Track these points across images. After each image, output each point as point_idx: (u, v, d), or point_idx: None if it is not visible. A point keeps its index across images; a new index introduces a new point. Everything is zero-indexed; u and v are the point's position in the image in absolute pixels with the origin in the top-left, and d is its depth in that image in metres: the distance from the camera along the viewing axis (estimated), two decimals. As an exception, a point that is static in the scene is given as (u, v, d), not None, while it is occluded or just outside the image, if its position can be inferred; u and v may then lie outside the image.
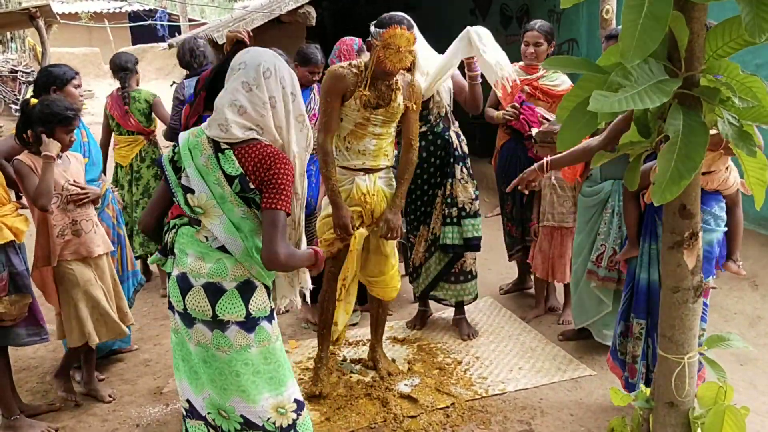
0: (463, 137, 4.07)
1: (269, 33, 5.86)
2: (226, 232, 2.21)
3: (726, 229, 2.77)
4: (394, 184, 3.51)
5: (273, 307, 2.40)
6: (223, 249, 2.24)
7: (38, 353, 4.20)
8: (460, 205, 3.98)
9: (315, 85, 4.69)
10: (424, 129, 3.95)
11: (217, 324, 2.23)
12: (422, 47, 3.81)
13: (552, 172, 3.76)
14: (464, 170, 4.01)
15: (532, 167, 3.23)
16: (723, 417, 1.57)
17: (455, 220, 3.99)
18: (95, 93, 18.77)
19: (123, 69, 4.85)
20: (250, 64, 2.21)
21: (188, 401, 2.39)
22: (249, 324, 2.26)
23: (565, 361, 3.78)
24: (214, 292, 2.22)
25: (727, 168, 2.67)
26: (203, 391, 2.32)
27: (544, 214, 4.16)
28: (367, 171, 3.41)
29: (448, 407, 3.36)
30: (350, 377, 3.72)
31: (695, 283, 1.54)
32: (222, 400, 2.29)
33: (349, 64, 3.35)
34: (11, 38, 17.08)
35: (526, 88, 4.29)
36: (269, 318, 2.32)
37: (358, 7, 12.10)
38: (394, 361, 3.84)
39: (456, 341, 4.12)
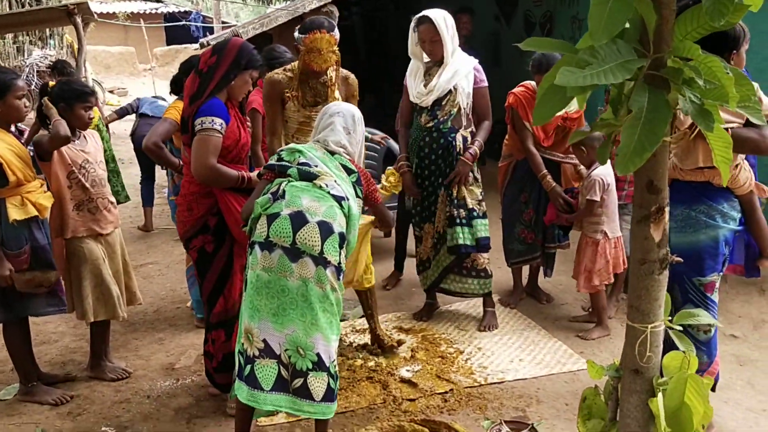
0: (468, 139, 4.10)
1: (291, 30, 6.02)
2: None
3: (739, 228, 2.71)
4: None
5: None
6: (335, 198, 2.69)
7: (59, 329, 4.39)
8: (470, 206, 4.08)
9: None
10: (430, 124, 4.08)
11: (321, 261, 2.61)
12: (452, 42, 3.94)
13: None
14: (470, 174, 4.11)
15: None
16: (685, 384, 1.65)
17: (464, 221, 4.08)
18: (129, 90, 19.23)
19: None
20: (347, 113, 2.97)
21: (264, 341, 2.62)
22: (339, 270, 2.70)
23: (565, 356, 3.85)
24: (326, 230, 2.63)
25: (737, 166, 2.63)
26: (288, 327, 2.61)
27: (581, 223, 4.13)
28: None
29: (446, 393, 3.45)
30: (354, 361, 3.83)
31: (661, 256, 1.62)
32: (305, 336, 2.60)
33: (284, 69, 3.67)
34: (50, 35, 17.56)
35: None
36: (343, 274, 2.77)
37: (386, 12, 12.25)
38: (399, 343, 3.95)
39: (460, 332, 4.21)
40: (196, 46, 14.07)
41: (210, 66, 2.92)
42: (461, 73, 3.99)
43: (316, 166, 2.78)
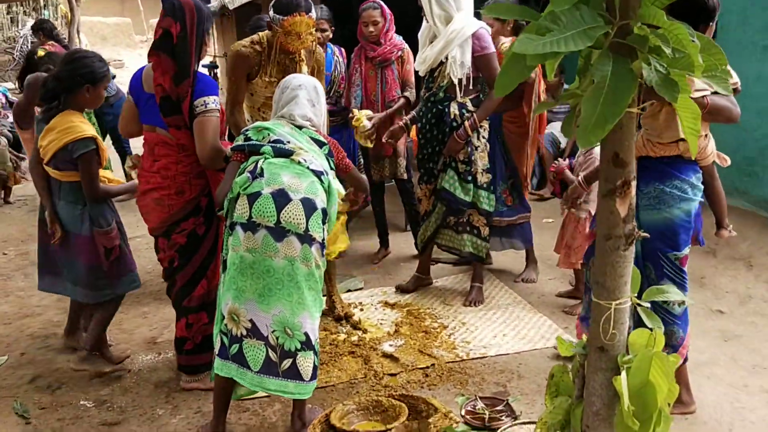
0: (471, 109, 3.98)
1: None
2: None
3: (702, 199, 2.74)
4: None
5: None
6: (314, 173, 2.65)
7: (43, 302, 4.37)
8: (474, 172, 4.03)
9: (335, 47, 4.80)
10: (426, 94, 4.10)
11: (307, 238, 2.59)
12: (442, 10, 3.87)
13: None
14: (481, 139, 4.05)
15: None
16: (650, 362, 1.61)
17: (462, 175, 4.02)
18: (125, 62, 19.05)
19: None
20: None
21: (251, 321, 2.60)
22: (322, 247, 2.69)
23: (549, 330, 3.83)
24: (310, 207, 2.60)
25: (705, 136, 2.65)
26: (275, 307, 2.58)
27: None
28: None
29: (428, 368, 3.44)
30: (337, 336, 3.81)
31: (627, 231, 1.58)
32: (292, 315, 2.59)
33: (251, 42, 3.55)
34: (44, 5, 17.38)
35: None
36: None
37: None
38: (347, 316, 3.99)
39: (445, 307, 4.19)
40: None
41: (180, 36, 2.82)
42: (455, 42, 3.89)
43: (289, 143, 2.72)
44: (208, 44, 2.92)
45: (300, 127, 2.82)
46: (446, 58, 3.91)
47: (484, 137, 4.04)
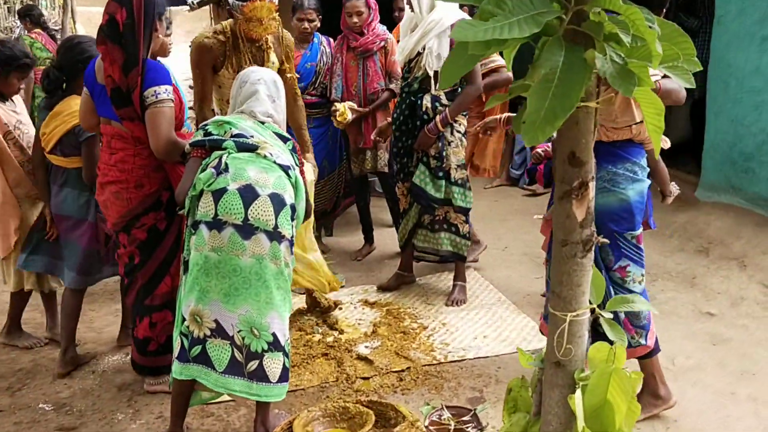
0: (445, 103, 3.83)
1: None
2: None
3: (650, 181, 2.81)
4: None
5: None
6: (282, 167, 2.53)
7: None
8: (447, 168, 3.88)
9: (323, 38, 4.66)
10: (402, 84, 3.98)
11: (276, 236, 2.48)
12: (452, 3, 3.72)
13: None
14: (455, 134, 3.90)
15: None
16: (609, 379, 1.48)
17: (433, 171, 3.88)
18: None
19: None
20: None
21: (216, 321, 2.48)
22: (291, 244, 2.58)
23: (532, 333, 3.69)
24: (278, 203, 2.49)
25: None
26: (241, 307, 2.47)
27: None
28: None
29: (403, 371, 3.31)
30: (312, 336, 3.69)
31: (584, 237, 1.44)
32: (260, 315, 2.47)
33: (215, 32, 3.44)
34: (41, -5, 17.21)
35: None
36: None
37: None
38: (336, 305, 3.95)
39: (426, 307, 4.06)
40: (187, 8, 13.74)
41: (126, 23, 2.67)
42: (432, 32, 3.75)
43: (252, 137, 2.58)
44: (161, 30, 2.77)
45: (262, 123, 2.68)
46: (423, 49, 3.77)
47: (459, 132, 3.89)
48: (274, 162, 2.53)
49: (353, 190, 4.97)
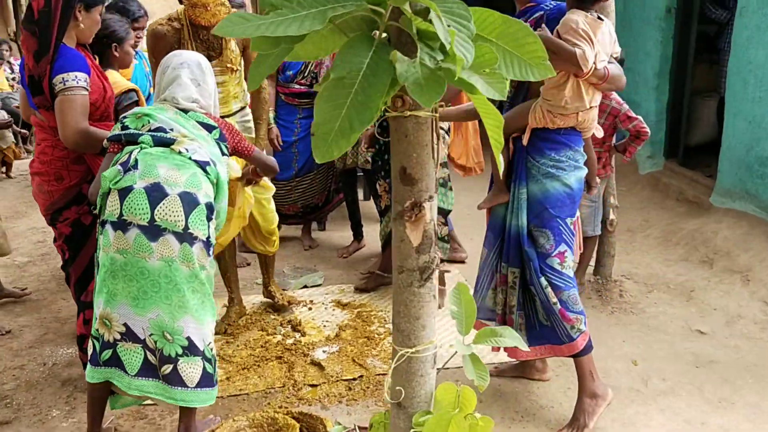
0: None
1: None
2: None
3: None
4: (253, 126, 3.62)
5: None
6: (198, 164, 2.39)
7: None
8: None
9: None
10: None
11: (187, 237, 2.34)
12: None
13: None
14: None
15: None
16: (447, 425, 1.28)
17: None
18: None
19: None
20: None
21: (126, 325, 2.36)
22: (208, 245, 2.43)
23: (502, 343, 3.47)
24: (190, 202, 2.34)
25: (595, 106, 2.69)
26: (151, 311, 2.35)
27: None
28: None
29: (354, 379, 3.15)
30: (272, 338, 3.56)
31: (422, 264, 1.25)
32: (171, 320, 2.34)
33: (169, 20, 3.34)
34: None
35: None
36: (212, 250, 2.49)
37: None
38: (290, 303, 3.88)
39: (399, 311, 3.87)
40: None
41: (42, 11, 2.56)
42: None
43: (172, 130, 2.44)
44: (80, 18, 2.64)
45: (186, 111, 2.54)
46: None
47: (441, 128, 3.67)
48: (190, 158, 2.38)
49: (342, 185, 4.81)
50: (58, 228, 2.80)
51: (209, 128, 2.54)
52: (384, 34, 1.13)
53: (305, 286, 4.25)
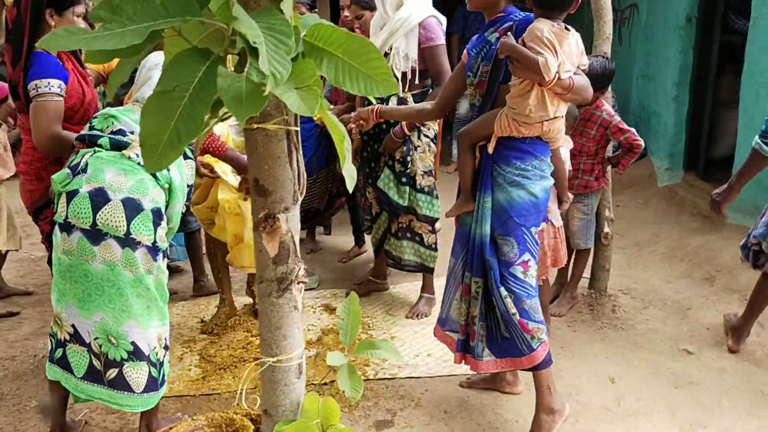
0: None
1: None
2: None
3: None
4: None
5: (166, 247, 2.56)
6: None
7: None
8: (412, 174, 3.69)
9: None
10: None
11: (128, 242, 2.36)
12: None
13: None
14: (423, 138, 3.70)
15: (367, 108, 3.30)
16: (304, 437, 1.30)
17: (399, 176, 3.71)
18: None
19: None
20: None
21: (73, 326, 2.43)
22: (154, 250, 2.44)
23: (480, 355, 3.44)
24: (132, 208, 2.37)
25: (562, 116, 2.67)
26: (95, 314, 2.40)
27: None
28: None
29: (325, 384, 3.18)
30: (255, 339, 3.62)
31: (279, 275, 1.27)
32: (116, 323, 2.39)
33: None
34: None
35: None
36: (164, 254, 2.51)
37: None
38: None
39: (385, 318, 3.89)
40: None
41: (14, 20, 2.67)
42: (400, 32, 3.56)
43: (132, 132, 2.51)
44: (53, 23, 2.73)
45: None
46: (390, 49, 3.58)
47: (427, 136, 3.67)
48: (139, 164, 2.44)
49: (344, 189, 4.85)
50: (40, 225, 2.93)
51: None
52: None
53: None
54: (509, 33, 2.54)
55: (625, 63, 6.52)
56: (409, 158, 3.65)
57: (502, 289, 2.66)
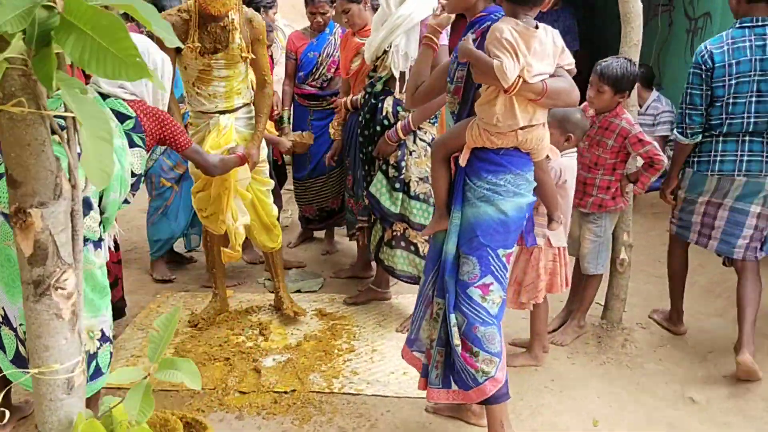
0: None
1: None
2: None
3: (535, 197, 2.57)
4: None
5: (103, 237, 2.49)
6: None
7: None
8: (406, 180, 3.50)
9: (339, 29, 4.45)
10: (365, 86, 3.67)
11: None
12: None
13: None
14: (419, 142, 3.49)
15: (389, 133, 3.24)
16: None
17: (392, 181, 3.52)
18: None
19: None
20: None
21: (3, 309, 2.43)
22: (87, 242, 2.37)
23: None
24: None
25: (544, 124, 2.42)
26: (19, 300, 2.33)
27: None
28: (223, 112, 3.39)
29: (285, 393, 3.05)
30: (235, 338, 3.55)
31: (35, 277, 1.14)
32: None
33: (178, 10, 3.25)
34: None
35: None
36: (96, 244, 2.42)
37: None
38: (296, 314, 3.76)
39: (375, 329, 3.71)
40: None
41: None
42: (400, 29, 3.36)
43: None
44: None
45: (106, 96, 2.54)
46: (390, 47, 3.39)
47: (423, 141, 3.45)
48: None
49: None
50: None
51: (123, 118, 2.54)
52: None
53: (299, 291, 4.19)
54: (469, 34, 2.34)
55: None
56: (403, 163, 3.46)
57: (453, 316, 2.47)
